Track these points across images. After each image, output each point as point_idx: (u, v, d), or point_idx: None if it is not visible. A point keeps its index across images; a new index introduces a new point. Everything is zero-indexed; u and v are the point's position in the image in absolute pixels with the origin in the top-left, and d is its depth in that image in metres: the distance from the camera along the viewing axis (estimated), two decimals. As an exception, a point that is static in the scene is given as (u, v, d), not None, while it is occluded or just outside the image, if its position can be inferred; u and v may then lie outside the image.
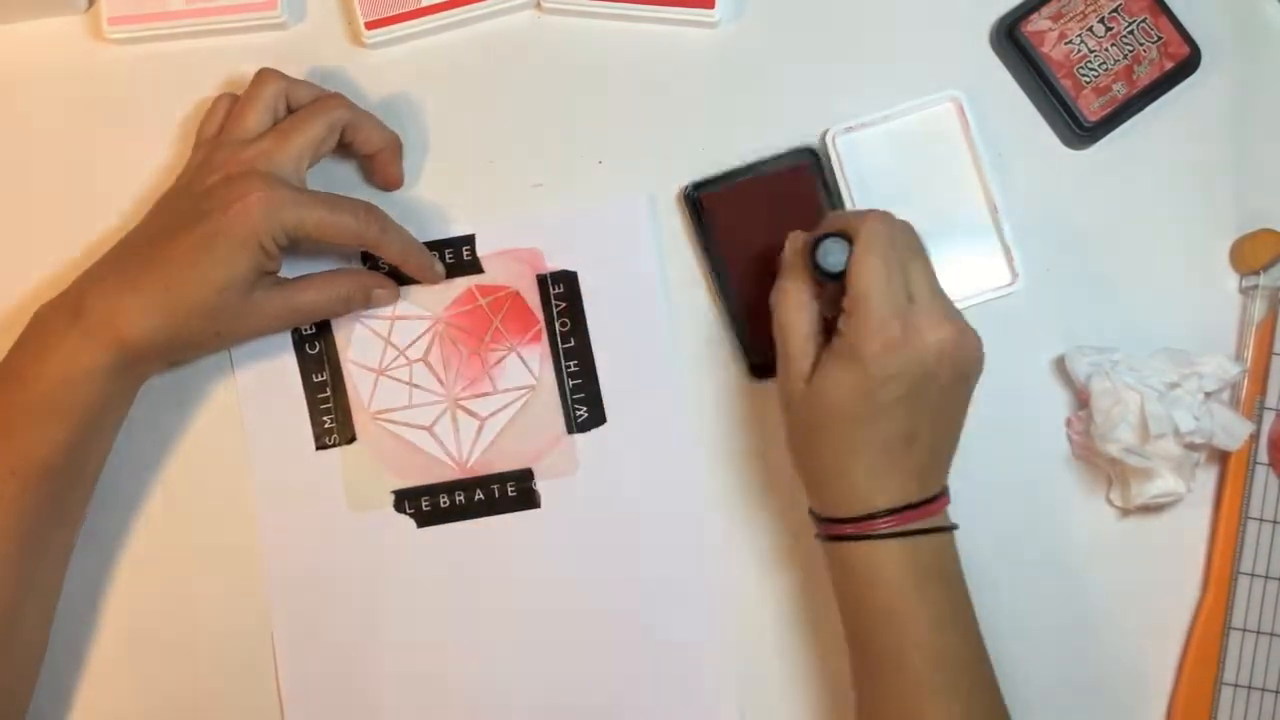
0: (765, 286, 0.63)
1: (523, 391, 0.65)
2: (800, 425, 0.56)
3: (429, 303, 0.65)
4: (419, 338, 0.65)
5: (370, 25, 0.65)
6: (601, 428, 0.64)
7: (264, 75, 0.61)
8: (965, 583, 0.56)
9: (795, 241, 0.58)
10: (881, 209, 0.55)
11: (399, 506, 0.64)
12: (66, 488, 0.58)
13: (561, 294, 0.65)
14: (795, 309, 0.56)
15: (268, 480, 0.64)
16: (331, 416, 0.64)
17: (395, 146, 0.64)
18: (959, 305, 0.63)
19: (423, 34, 0.66)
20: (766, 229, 0.64)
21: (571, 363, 0.65)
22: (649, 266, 0.65)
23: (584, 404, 0.65)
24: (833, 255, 0.54)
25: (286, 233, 0.57)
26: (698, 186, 0.64)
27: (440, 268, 0.65)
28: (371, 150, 0.63)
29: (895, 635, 0.54)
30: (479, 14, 0.65)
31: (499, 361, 0.65)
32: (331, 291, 0.61)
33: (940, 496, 0.56)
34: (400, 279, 0.64)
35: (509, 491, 0.64)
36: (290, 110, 0.62)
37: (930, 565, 0.54)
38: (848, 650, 0.57)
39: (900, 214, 0.64)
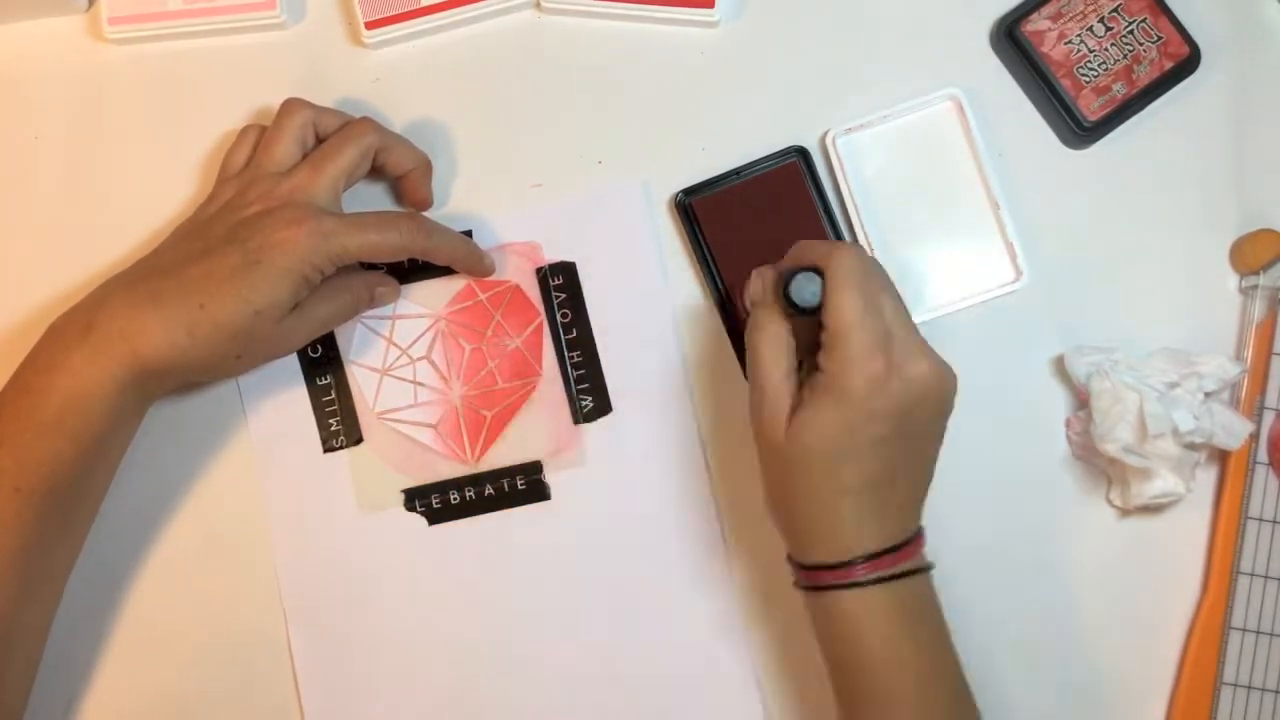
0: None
1: (527, 384, 0.65)
2: (780, 468, 0.54)
3: (429, 301, 0.65)
4: (421, 336, 0.65)
5: (370, 25, 0.65)
6: (607, 417, 0.64)
7: (291, 105, 0.61)
8: (945, 621, 0.55)
9: (764, 277, 0.56)
10: (850, 242, 0.54)
11: (409, 505, 0.64)
12: (71, 505, 0.58)
13: (561, 285, 0.65)
14: (772, 348, 0.54)
15: (277, 485, 0.64)
16: (337, 419, 0.64)
17: (426, 167, 0.64)
18: (966, 303, 0.64)
19: (422, 34, 0.66)
20: (760, 230, 0.64)
21: (574, 353, 0.65)
22: (648, 252, 0.65)
23: (589, 394, 0.65)
24: (807, 289, 0.52)
25: (333, 261, 0.57)
26: (688, 193, 0.64)
27: (491, 260, 0.64)
28: (402, 172, 0.63)
29: (883, 686, 0.53)
30: (479, 14, 0.65)
31: (502, 356, 0.65)
32: (341, 299, 0.61)
33: (918, 536, 0.55)
34: (402, 276, 0.65)
35: (519, 485, 0.64)
36: (319, 138, 0.61)
37: (915, 610, 0.54)
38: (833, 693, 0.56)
39: (902, 214, 0.64)
